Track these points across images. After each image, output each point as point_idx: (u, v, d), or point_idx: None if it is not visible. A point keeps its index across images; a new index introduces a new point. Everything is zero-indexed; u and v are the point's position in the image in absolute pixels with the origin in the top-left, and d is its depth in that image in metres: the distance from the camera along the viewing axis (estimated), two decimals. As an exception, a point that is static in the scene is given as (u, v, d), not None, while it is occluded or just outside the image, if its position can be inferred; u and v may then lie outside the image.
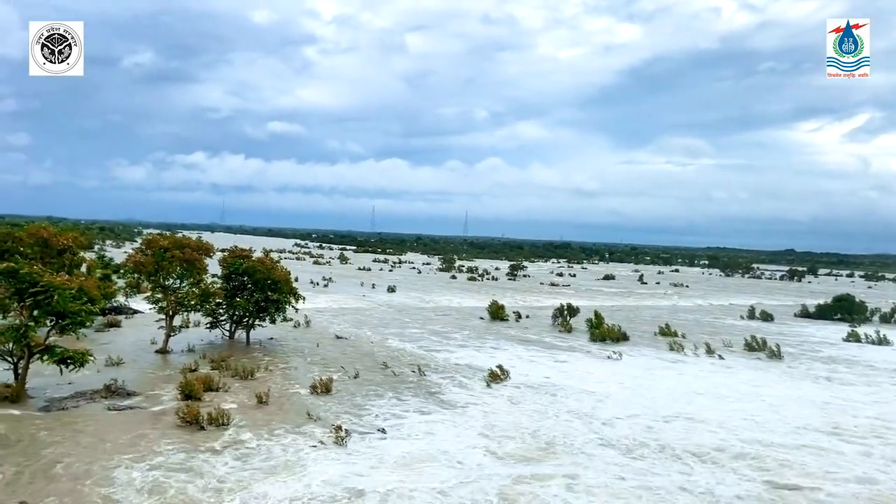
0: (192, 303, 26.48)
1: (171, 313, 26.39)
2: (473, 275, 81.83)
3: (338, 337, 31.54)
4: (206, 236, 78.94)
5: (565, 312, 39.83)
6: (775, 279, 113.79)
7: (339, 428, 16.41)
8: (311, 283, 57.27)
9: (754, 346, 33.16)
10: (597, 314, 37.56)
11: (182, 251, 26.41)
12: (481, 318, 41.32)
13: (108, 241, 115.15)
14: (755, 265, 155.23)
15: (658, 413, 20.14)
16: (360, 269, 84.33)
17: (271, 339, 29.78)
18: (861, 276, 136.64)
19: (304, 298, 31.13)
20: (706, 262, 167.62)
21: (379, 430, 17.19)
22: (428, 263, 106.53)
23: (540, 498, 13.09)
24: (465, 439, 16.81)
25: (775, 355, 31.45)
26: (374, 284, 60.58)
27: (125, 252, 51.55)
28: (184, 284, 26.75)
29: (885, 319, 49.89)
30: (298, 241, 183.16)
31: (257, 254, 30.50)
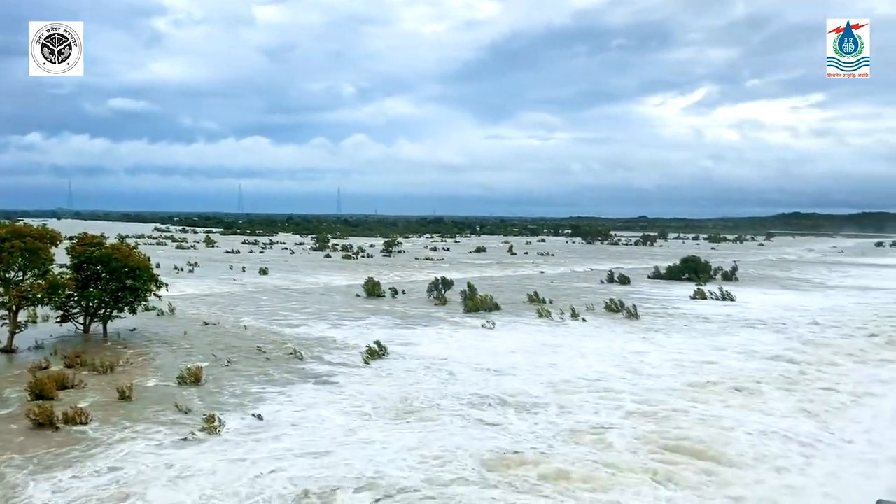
0: (39, 296, 24.31)
1: (14, 308, 24.09)
2: (348, 253, 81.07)
3: (206, 324, 30.21)
4: (52, 223, 72.31)
5: (440, 286, 40.49)
6: (630, 244, 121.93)
7: (211, 418, 15.78)
8: (175, 268, 54.30)
9: (613, 307, 35.44)
10: (470, 286, 38.52)
11: (23, 240, 24.12)
12: (358, 296, 41.12)
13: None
14: (612, 232, 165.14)
15: (513, 370, 21.19)
16: (228, 252, 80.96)
17: (133, 330, 27.99)
18: (705, 239, 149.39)
19: (166, 286, 29.48)
20: (569, 231, 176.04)
21: (255, 415, 16.73)
22: (301, 243, 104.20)
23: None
24: (345, 418, 16.77)
25: (633, 315, 33.81)
26: (244, 267, 58.43)
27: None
28: (27, 276, 24.50)
29: (727, 277, 54.90)
30: (159, 226, 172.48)
31: (112, 240, 28.43)
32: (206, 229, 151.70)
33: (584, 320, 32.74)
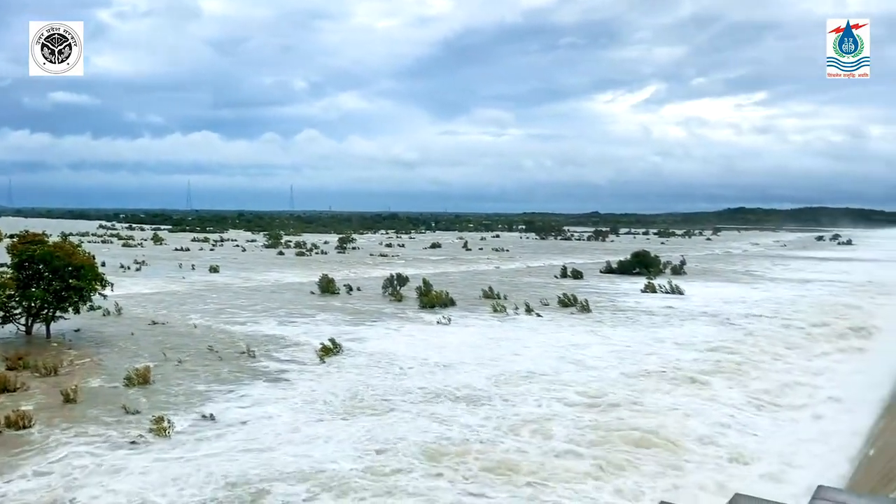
0: (-24, 297, 23.38)
1: (-52, 311, 23.12)
2: (302, 250, 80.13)
3: (154, 323, 29.51)
4: (-10, 221, 69.55)
5: (395, 282, 40.44)
6: (583, 239, 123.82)
7: (160, 419, 15.46)
8: (121, 267, 52.78)
9: (566, 302, 35.98)
10: (425, 282, 38.56)
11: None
12: (312, 293, 40.73)
13: None
14: (566, 228, 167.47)
15: (467, 365, 21.43)
16: (177, 249, 79.10)
17: (77, 331, 27.15)
18: (655, 234, 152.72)
19: (111, 285, 28.67)
20: (523, 226, 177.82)
21: (206, 416, 16.46)
22: (253, 240, 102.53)
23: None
24: (294, 415, 16.65)
25: (585, 309, 34.40)
26: (193, 265, 57.18)
27: None
28: (-37, 277, 23.52)
29: (676, 271, 56.26)
30: (104, 223, 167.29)
31: (54, 238, 27.49)
32: (153, 227, 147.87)
33: (538, 315, 33.14)
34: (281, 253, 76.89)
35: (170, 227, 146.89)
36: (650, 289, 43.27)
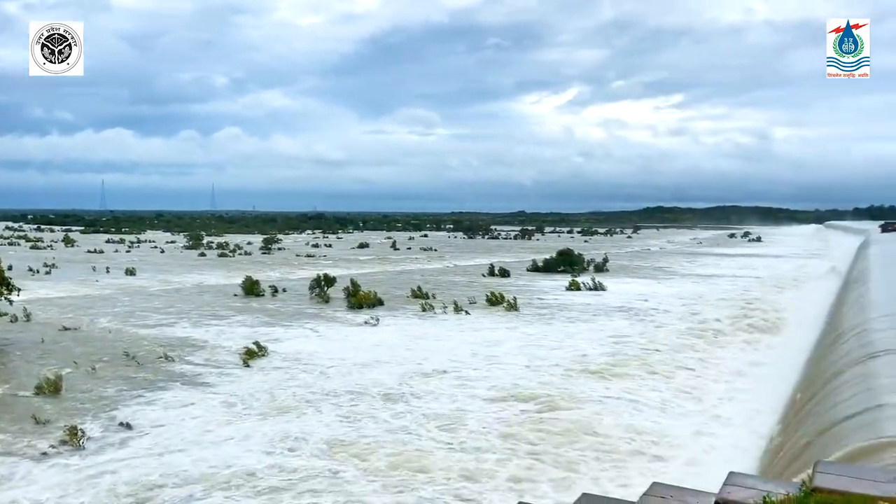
0: None
1: None
2: (224, 251, 77.90)
3: (65, 328, 28.05)
4: None
5: (322, 283, 39.90)
6: (510, 238, 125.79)
7: (73, 430, 14.71)
8: (30, 270, 49.89)
9: (494, 300, 36.45)
10: (353, 282, 38.22)
11: None
12: (235, 295, 39.68)
13: None
14: (493, 227, 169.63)
15: (390, 366, 21.56)
16: (90, 251, 75.34)
17: (-21, 338, 25.50)
18: (579, 232, 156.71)
19: (19, 290, 27.08)
20: (451, 226, 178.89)
21: (123, 424, 15.78)
22: (172, 241, 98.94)
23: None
24: (209, 418, 16.25)
25: (512, 307, 34.95)
26: (108, 268, 54.64)
27: None
28: None
29: (599, 269, 57.85)
30: (10, 224, 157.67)
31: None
32: (64, 228, 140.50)
33: (466, 313, 33.43)
34: (202, 254, 74.55)
35: (82, 228, 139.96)
36: (574, 286, 44.35)
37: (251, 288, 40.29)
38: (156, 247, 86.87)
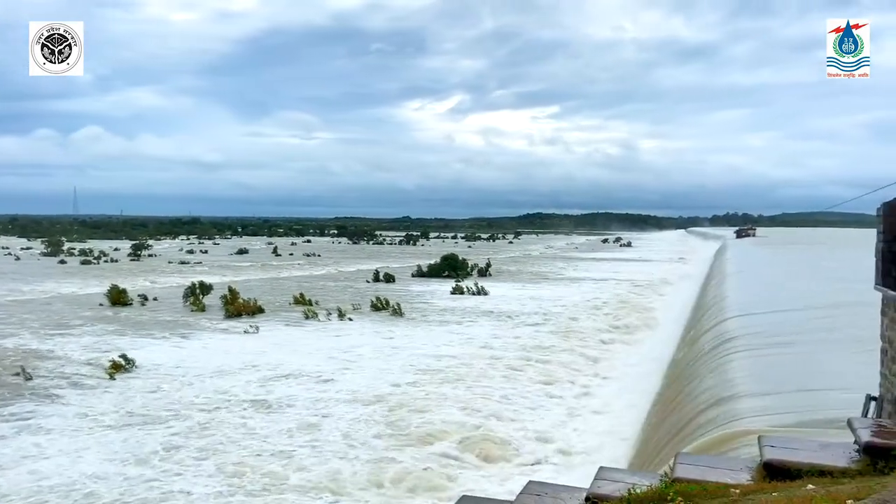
0: None
1: None
2: (88, 258, 72.51)
3: None
4: None
5: (197, 291, 38.09)
6: (395, 244, 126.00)
7: None
8: None
9: (379, 305, 36.32)
10: (231, 290, 36.75)
11: None
12: (101, 305, 37.03)
13: None
14: (378, 232, 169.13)
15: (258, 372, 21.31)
16: (-72, 259, 67.87)
17: None
18: (462, 238, 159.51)
19: None
20: (335, 231, 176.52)
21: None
22: (28, 248, 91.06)
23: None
24: (59, 434, 15.28)
25: (397, 312, 34.95)
26: (-50, 277, 49.44)
27: None
28: None
29: (482, 273, 59.16)
30: None
31: None
32: None
33: (350, 319, 33.07)
34: (63, 261, 69.15)
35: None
36: (458, 291, 45.04)
37: (118, 297, 37.77)
38: (10, 253, 79.60)
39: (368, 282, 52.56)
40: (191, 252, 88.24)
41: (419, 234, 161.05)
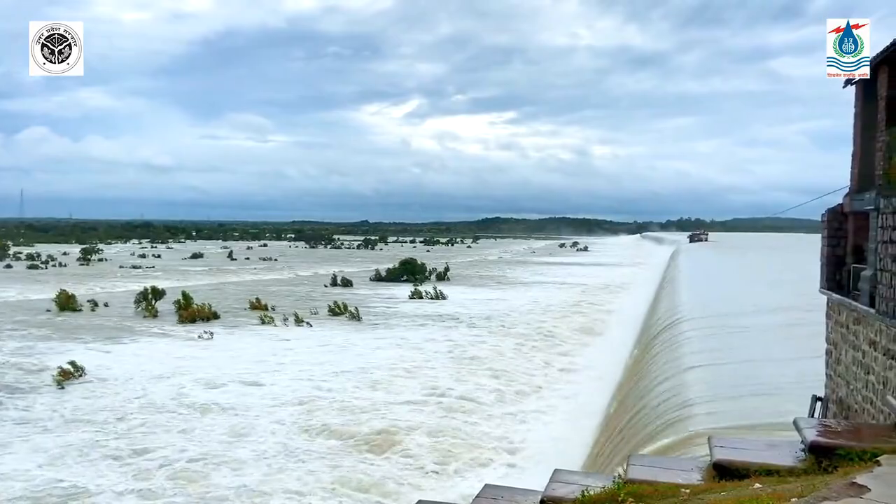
0: None
1: None
2: (35, 262, 70.17)
3: None
4: None
5: (149, 296, 37.16)
6: (353, 248, 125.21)
7: None
8: None
9: (336, 310, 36.00)
10: (185, 295, 35.97)
11: None
12: (48, 311, 35.85)
13: None
14: (336, 236, 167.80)
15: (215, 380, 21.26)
16: None
17: None
18: (421, 242, 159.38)
19: None
20: (292, 235, 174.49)
21: None
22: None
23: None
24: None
25: (354, 317, 34.71)
26: None
27: None
28: None
29: (440, 277, 59.19)
30: None
31: None
32: None
33: (308, 325, 32.70)
34: (8, 266, 66.72)
35: None
36: (417, 295, 44.97)
37: (66, 303, 36.62)
38: (-52, 258, 76.34)
39: (326, 286, 52.07)
40: (143, 256, 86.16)
41: (377, 238, 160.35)
